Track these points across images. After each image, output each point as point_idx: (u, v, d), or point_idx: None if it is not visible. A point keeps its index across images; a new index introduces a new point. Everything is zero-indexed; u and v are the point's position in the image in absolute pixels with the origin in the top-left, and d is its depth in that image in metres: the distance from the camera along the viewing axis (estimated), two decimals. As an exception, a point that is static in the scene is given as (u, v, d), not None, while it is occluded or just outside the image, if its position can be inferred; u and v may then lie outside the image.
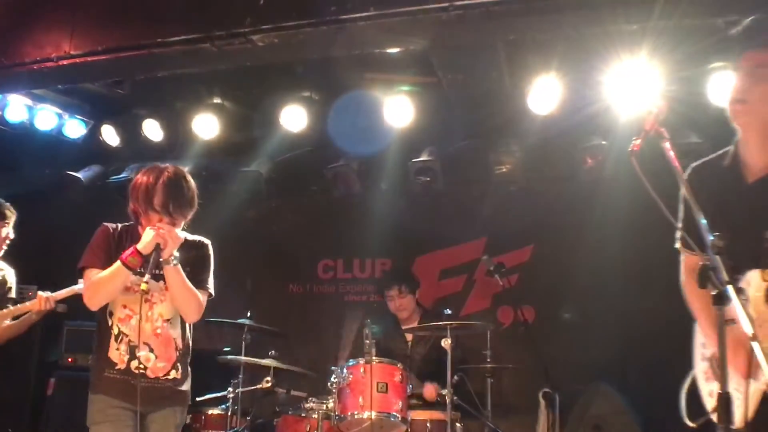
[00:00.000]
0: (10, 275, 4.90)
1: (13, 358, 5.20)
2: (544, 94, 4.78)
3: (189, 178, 3.38)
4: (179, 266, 3.21)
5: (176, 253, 3.21)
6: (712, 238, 2.14)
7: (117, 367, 3.23)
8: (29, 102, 5.88)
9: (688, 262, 2.78)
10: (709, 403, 2.61)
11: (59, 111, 6.04)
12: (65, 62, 4.13)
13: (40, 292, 4.47)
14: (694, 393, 2.71)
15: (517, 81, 4.82)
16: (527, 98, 4.82)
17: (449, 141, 5.63)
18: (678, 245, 2.78)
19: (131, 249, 3.13)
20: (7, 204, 4.81)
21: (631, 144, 2.88)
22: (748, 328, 2.06)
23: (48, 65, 4.18)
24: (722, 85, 4.53)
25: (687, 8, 3.36)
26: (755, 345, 2.01)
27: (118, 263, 3.13)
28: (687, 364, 2.77)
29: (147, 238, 3.14)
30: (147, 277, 3.09)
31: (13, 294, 4.87)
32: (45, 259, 4.42)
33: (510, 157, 5.60)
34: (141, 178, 3.32)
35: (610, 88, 4.55)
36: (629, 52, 4.16)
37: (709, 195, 2.51)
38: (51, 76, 4.39)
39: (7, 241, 4.80)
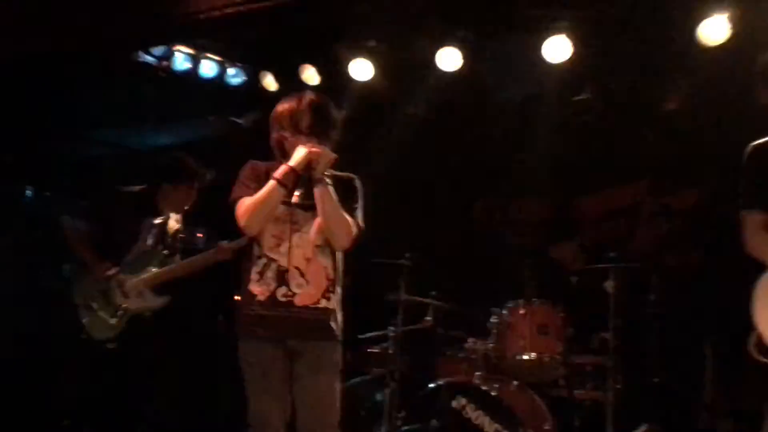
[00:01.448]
0: (179, 220, 5.18)
1: (191, 297, 5.52)
2: (716, 25, 4.53)
3: (330, 101, 3.41)
4: (330, 187, 3.26)
5: (329, 174, 3.24)
6: None
7: (258, 300, 3.26)
8: (193, 52, 6.12)
9: (755, 221, 2.95)
10: None
11: (221, 60, 6.25)
12: (230, 11, 4.24)
13: (223, 243, 4.70)
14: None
15: (684, 11, 4.58)
16: (697, 31, 4.58)
17: (611, 78, 5.45)
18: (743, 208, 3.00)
19: (283, 167, 3.21)
20: (197, 163, 5.05)
21: None
22: None
23: (213, 15, 4.31)
24: None
25: None
26: None
27: (271, 182, 3.20)
28: None
29: (299, 154, 3.17)
30: (298, 195, 3.18)
31: (181, 236, 5.15)
32: (211, 202, 4.60)
33: (677, 94, 5.39)
34: (284, 106, 3.38)
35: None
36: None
37: None
38: (215, 24, 4.52)
39: (191, 202, 5.06)
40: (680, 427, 5.23)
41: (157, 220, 4.99)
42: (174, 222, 5.08)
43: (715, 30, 4.54)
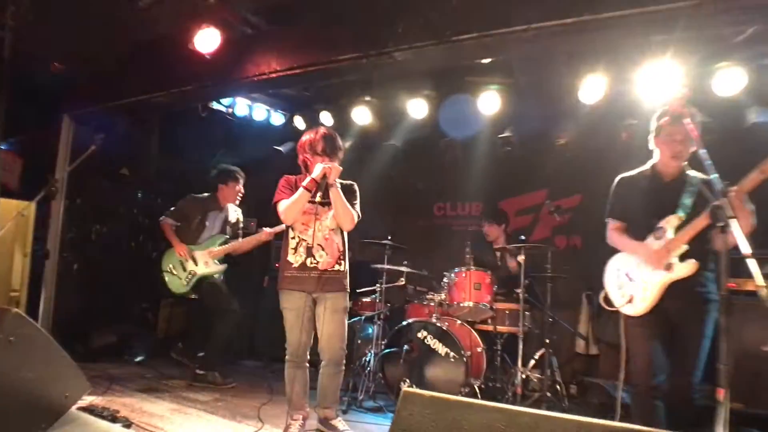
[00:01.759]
0: (240, 214, 5.19)
1: (245, 264, 5.53)
2: (592, 88, 4.56)
3: (336, 133, 3.48)
4: (339, 190, 3.29)
5: (338, 181, 3.30)
6: (721, 186, 2.16)
7: (293, 266, 3.34)
8: (249, 102, 6.12)
9: (614, 226, 3.09)
10: (621, 300, 2.87)
11: (268, 107, 6.25)
12: (274, 75, 4.24)
13: (266, 229, 4.71)
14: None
15: (573, 79, 4.61)
16: (579, 92, 4.61)
17: (524, 122, 5.47)
18: (608, 216, 3.13)
19: (308, 178, 3.25)
20: (239, 170, 5.07)
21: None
22: (745, 248, 1.99)
23: (262, 78, 4.31)
24: (726, 80, 4.23)
25: (701, 22, 3.12)
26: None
27: (300, 189, 3.26)
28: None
29: (318, 169, 3.25)
30: (319, 196, 3.21)
31: (241, 225, 5.17)
32: (260, 204, 4.63)
33: (567, 133, 5.42)
34: (305, 137, 3.47)
35: (642, 83, 4.29)
36: (657, 56, 3.91)
37: (640, 189, 2.96)
38: (264, 84, 4.54)
39: (240, 195, 5.07)
40: (566, 348, 5.31)
41: (220, 213, 5.02)
42: (233, 213, 5.10)
43: (592, 93, 4.57)
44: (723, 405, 1.92)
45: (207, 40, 4.20)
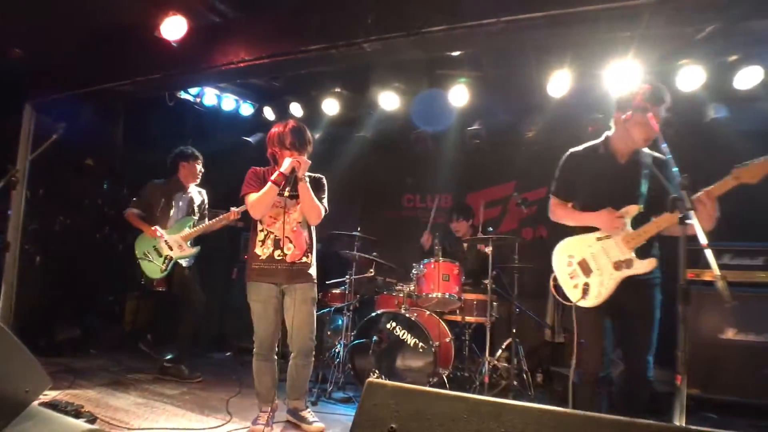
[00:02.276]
0: (205, 195, 5.12)
1: (213, 256, 5.45)
2: (559, 83, 4.62)
3: (305, 126, 3.43)
4: (308, 184, 3.27)
5: (306, 174, 3.28)
6: (680, 178, 2.17)
7: (260, 259, 3.32)
8: (218, 92, 6.02)
9: (557, 203, 3.03)
10: (574, 291, 2.80)
11: (237, 98, 6.16)
12: (242, 65, 4.17)
13: (233, 208, 4.61)
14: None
15: (541, 73, 4.66)
16: (547, 86, 4.66)
17: (493, 115, 5.51)
18: (553, 193, 3.07)
19: (276, 172, 3.22)
20: (195, 150, 5.03)
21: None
22: (702, 239, 2.04)
23: (231, 67, 4.24)
24: (686, 76, 4.33)
25: (665, 19, 3.18)
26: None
27: (269, 184, 3.23)
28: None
29: (286, 163, 3.22)
30: (287, 190, 3.18)
31: (206, 206, 5.09)
32: (228, 193, 4.55)
33: (534, 127, 5.47)
34: (274, 130, 3.43)
35: (607, 78, 4.36)
36: (621, 52, 3.99)
37: (593, 169, 2.86)
38: (233, 74, 4.46)
39: (200, 174, 4.99)
40: (532, 338, 5.38)
41: (185, 195, 4.95)
42: (197, 195, 5.03)
43: (559, 87, 4.62)
44: (681, 390, 1.97)
45: (173, 27, 4.11)
